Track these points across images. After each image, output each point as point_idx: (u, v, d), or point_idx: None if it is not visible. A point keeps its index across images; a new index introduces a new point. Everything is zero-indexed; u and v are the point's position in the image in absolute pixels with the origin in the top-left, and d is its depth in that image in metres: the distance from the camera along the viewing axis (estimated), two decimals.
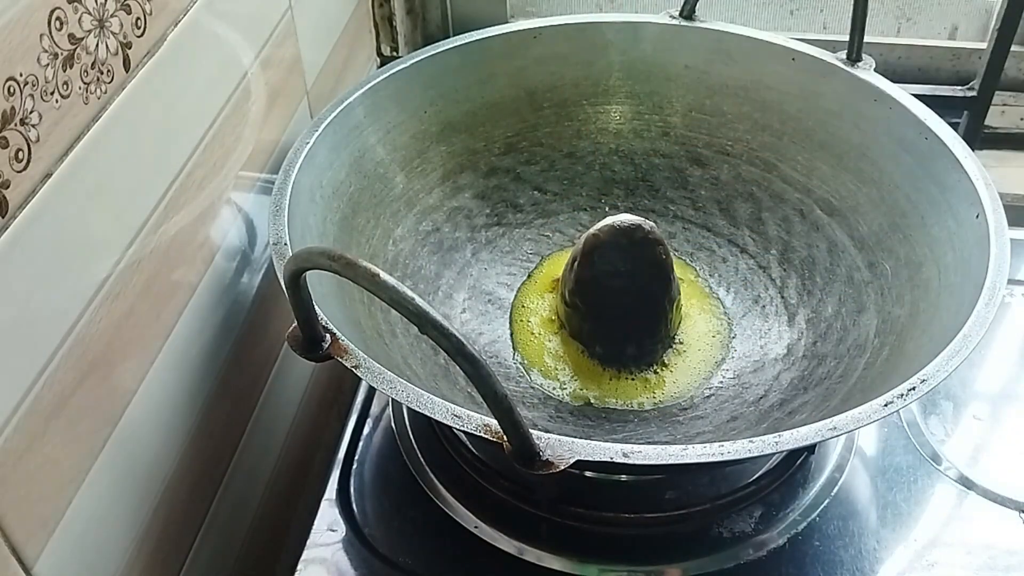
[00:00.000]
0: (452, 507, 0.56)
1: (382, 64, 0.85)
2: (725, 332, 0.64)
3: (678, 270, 0.61)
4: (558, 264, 0.66)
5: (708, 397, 0.60)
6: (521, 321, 0.64)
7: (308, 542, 0.55)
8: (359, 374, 0.43)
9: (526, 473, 0.39)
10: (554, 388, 0.60)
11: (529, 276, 0.68)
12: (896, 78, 0.64)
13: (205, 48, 0.50)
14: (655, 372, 0.61)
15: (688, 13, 0.69)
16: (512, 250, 0.69)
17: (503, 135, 0.70)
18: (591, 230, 0.59)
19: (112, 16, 0.41)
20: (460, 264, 0.67)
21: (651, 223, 0.58)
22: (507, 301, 0.66)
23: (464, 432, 0.42)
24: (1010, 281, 0.50)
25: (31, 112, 0.36)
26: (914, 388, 0.44)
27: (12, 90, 0.35)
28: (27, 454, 0.38)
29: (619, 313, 0.60)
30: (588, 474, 0.55)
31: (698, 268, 0.68)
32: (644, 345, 0.61)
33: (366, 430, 0.62)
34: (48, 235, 0.38)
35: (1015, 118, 0.85)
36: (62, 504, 0.41)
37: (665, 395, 0.60)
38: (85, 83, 0.39)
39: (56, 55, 0.37)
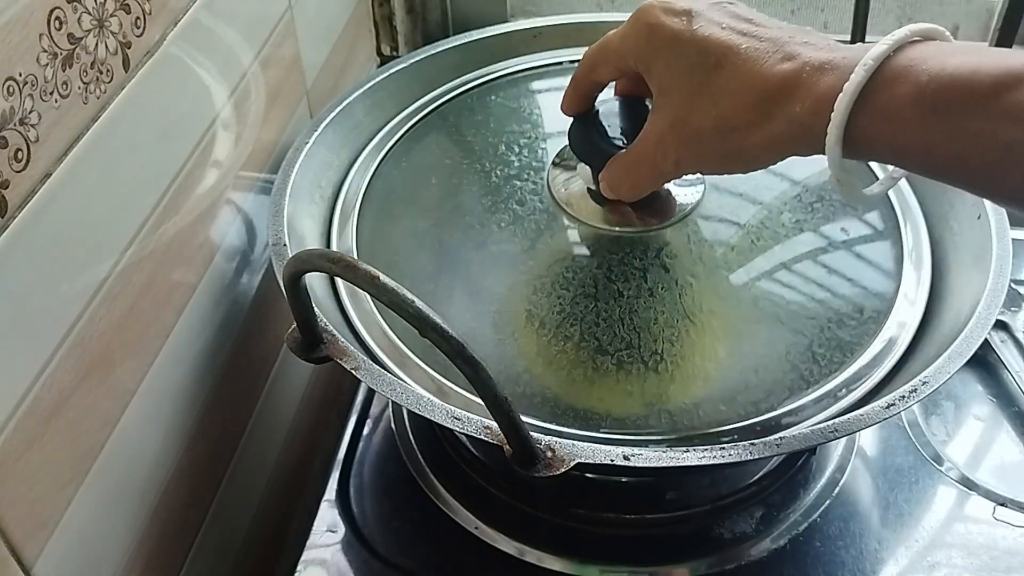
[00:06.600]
0: (452, 508, 0.56)
1: (382, 64, 0.85)
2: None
3: None
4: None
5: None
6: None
7: (308, 543, 0.55)
8: (359, 376, 0.43)
9: (526, 476, 0.39)
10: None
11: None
12: None
13: (205, 48, 0.50)
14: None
15: None
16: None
17: None
18: None
19: (112, 16, 0.41)
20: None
21: None
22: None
23: (464, 434, 0.42)
24: (1012, 281, 0.50)
25: (30, 112, 0.36)
26: (916, 389, 0.43)
27: (11, 90, 0.35)
28: (27, 454, 0.38)
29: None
30: (589, 475, 0.54)
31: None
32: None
33: (366, 431, 0.62)
34: (48, 235, 0.38)
35: None
36: (62, 504, 0.41)
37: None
38: (84, 83, 0.39)
39: (56, 55, 0.37)
